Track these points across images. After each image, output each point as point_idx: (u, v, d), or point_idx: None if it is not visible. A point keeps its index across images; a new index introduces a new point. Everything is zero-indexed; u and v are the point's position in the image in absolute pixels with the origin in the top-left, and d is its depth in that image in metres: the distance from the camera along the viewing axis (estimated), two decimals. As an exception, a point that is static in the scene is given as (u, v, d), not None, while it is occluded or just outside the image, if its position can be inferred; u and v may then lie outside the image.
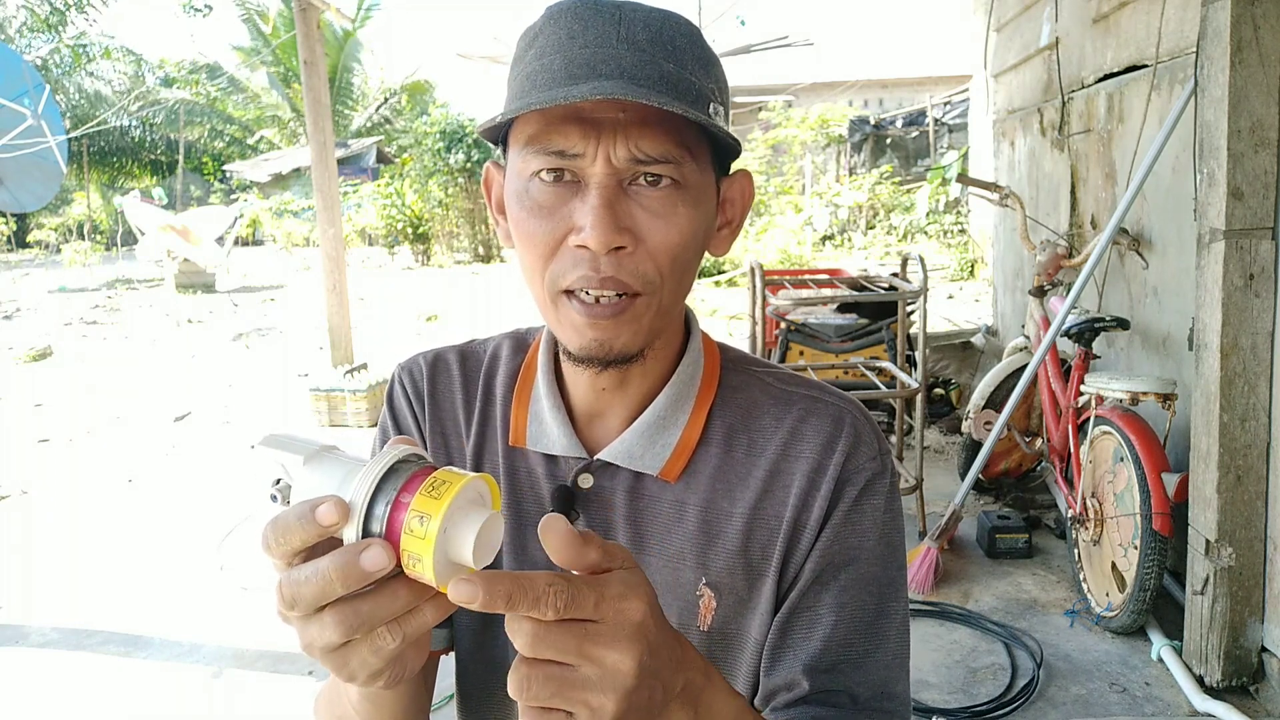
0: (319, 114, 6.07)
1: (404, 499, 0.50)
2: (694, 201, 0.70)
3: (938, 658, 2.72)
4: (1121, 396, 2.73)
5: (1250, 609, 2.44)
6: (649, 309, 0.71)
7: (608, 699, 0.50)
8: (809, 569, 0.75)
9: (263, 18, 22.45)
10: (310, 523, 0.50)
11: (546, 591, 0.48)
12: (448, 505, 0.49)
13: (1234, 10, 2.27)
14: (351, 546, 0.49)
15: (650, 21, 0.68)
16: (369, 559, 0.48)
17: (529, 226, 0.69)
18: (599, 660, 0.49)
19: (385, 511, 0.50)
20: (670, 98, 0.65)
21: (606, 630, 0.50)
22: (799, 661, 0.73)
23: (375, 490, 0.51)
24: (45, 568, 3.74)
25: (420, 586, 0.51)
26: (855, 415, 0.79)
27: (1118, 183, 3.59)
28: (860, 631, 0.75)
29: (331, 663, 0.53)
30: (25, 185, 8.30)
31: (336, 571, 0.49)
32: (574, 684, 0.49)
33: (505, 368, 0.86)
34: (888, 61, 21.74)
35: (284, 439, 0.56)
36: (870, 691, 0.75)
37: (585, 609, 0.49)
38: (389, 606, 0.51)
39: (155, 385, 7.19)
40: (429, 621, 0.53)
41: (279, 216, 20.59)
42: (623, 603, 0.50)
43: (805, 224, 13.58)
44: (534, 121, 0.68)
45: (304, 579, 0.50)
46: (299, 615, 0.52)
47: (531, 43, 0.70)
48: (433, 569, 0.48)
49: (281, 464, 0.55)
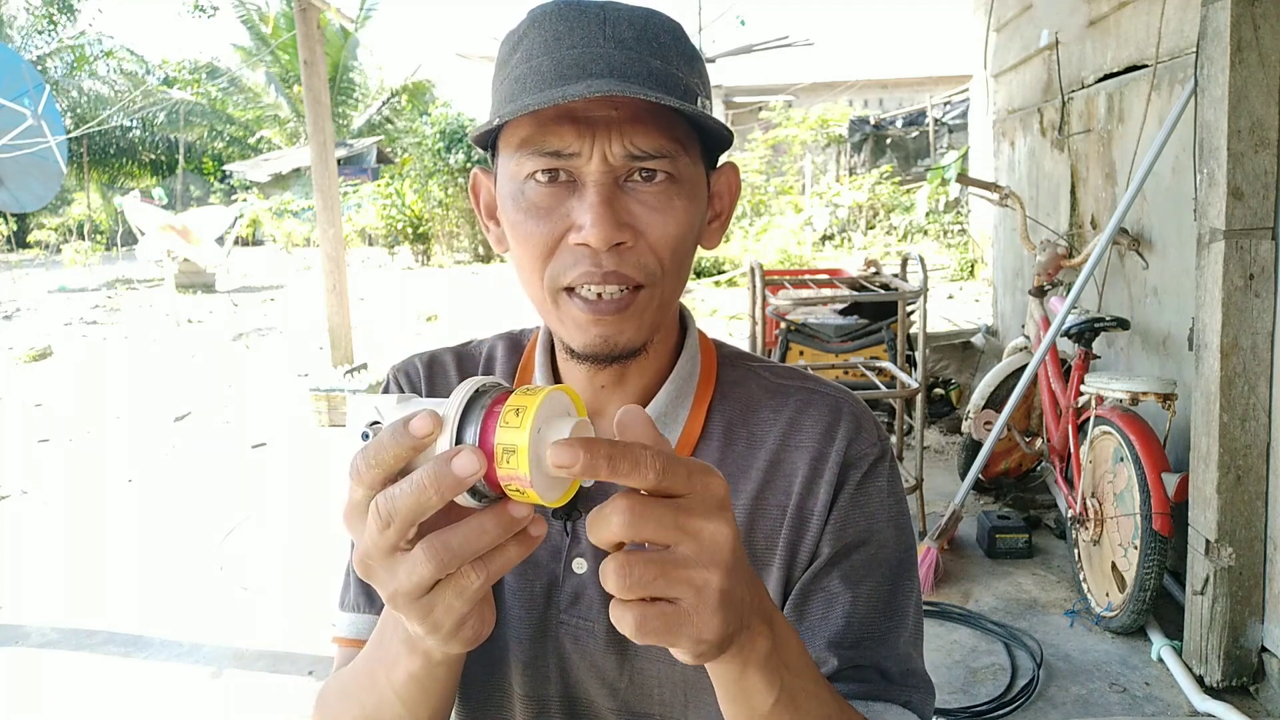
0: (319, 114, 6.07)
1: (495, 408, 0.50)
2: (689, 195, 0.70)
3: (938, 658, 2.72)
4: (1121, 396, 2.73)
5: (1250, 609, 2.44)
6: (651, 302, 0.71)
7: (711, 574, 0.49)
8: (822, 553, 0.75)
9: (263, 18, 22.46)
10: (404, 435, 0.50)
11: (644, 454, 0.47)
12: (543, 398, 0.49)
13: (1234, 10, 2.27)
14: (444, 454, 0.49)
15: (635, 20, 0.69)
16: (460, 462, 0.48)
17: (526, 228, 0.69)
18: (697, 533, 0.49)
19: (477, 421, 0.50)
20: (661, 93, 0.66)
21: (698, 503, 0.49)
22: (822, 639, 0.74)
23: (467, 404, 0.51)
24: (45, 568, 3.74)
25: (506, 519, 0.51)
26: (851, 404, 0.80)
27: (1118, 183, 3.59)
28: (879, 609, 0.75)
29: (418, 610, 0.53)
30: (25, 185, 8.31)
31: (430, 479, 0.48)
32: (676, 563, 0.49)
33: (501, 368, 0.86)
34: (888, 61, 21.84)
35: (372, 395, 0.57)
36: (898, 668, 0.75)
37: (679, 479, 0.48)
38: (478, 540, 0.50)
39: (155, 385, 7.19)
40: (513, 559, 0.52)
41: (279, 216, 20.59)
42: (708, 477, 0.50)
43: (805, 224, 13.59)
44: (527, 124, 0.68)
45: (399, 493, 0.49)
46: (388, 548, 0.51)
47: (516, 46, 0.71)
48: (527, 461, 0.48)
49: (376, 406, 0.55)
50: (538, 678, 0.80)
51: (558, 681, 0.79)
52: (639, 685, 0.78)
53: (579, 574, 0.78)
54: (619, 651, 0.78)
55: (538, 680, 0.80)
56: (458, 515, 0.52)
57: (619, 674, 0.78)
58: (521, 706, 0.80)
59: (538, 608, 0.79)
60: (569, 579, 0.78)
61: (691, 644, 0.50)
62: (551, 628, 0.79)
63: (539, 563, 0.79)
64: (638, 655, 0.78)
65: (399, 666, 0.63)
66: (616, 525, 0.47)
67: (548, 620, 0.79)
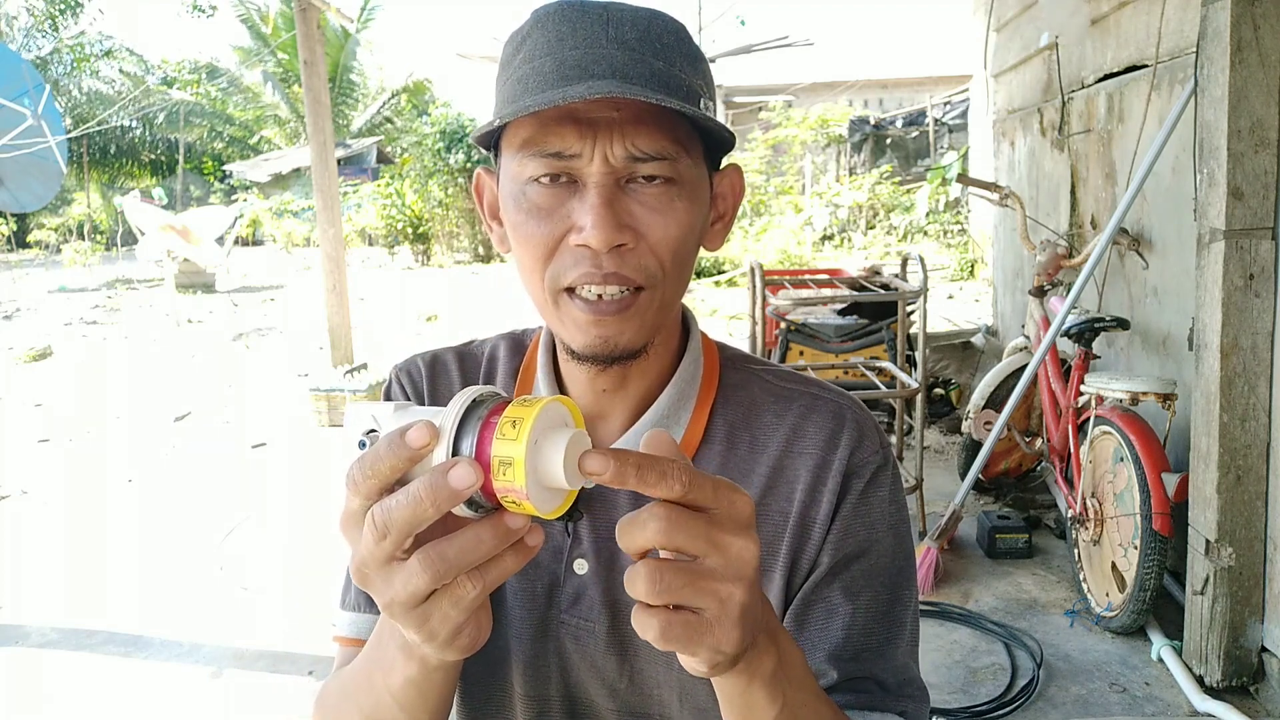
0: (319, 114, 6.07)
1: (492, 419, 0.50)
2: (690, 196, 0.70)
3: (938, 658, 2.72)
4: (1121, 396, 2.73)
5: (1250, 609, 2.44)
6: (652, 303, 0.71)
7: (736, 588, 0.50)
8: (822, 562, 0.75)
9: (263, 18, 22.45)
10: (400, 446, 0.50)
11: (671, 467, 0.48)
12: (539, 410, 0.49)
13: (1234, 10, 2.27)
14: (440, 466, 0.49)
15: (638, 20, 0.69)
16: (456, 475, 0.48)
17: (528, 229, 0.69)
18: (725, 547, 0.50)
19: (474, 432, 0.50)
20: (663, 95, 0.65)
21: (725, 518, 0.50)
22: (821, 651, 0.74)
23: (464, 415, 0.51)
24: (45, 568, 3.74)
25: (502, 530, 0.51)
26: (855, 410, 0.79)
27: (1118, 183, 3.59)
28: (878, 620, 0.75)
29: (414, 619, 0.53)
30: (25, 185, 8.31)
31: (427, 490, 0.48)
32: (704, 574, 0.50)
33: (504, 368, 0.86)
34: (888, 61, 21.83)
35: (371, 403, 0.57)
36: (895, 678, 0.75)
37: (705, 493, 0.49)
38: (474, 551, 0.51)
39: (155, 385, 7.19)
40: (509, 569, 0.53)
41: (279, 216, 20.59)
42: (734, 494, 0.51)
43: (805, 224, 13.59)
44: (528, 125, 0.68)
45: (395, 504, 0.49)
46: (384, 558, 0.51)
47: (519, 47, 0.70)
48: (524, 473, 0.48)
49: (373, 414, 0.55)
50: (538, 678, 0.80)
51: (558, 681, 0.80)
52: (639, 686, 0.78)
53: (580, 575, 0.78)
54: (619, 652, 0.78)
55: (539, 680, 0.80)
56: (455, 524, 0.52)
57: (619, 674, 0.78)
58: (522, 706, 0.80)
59: (539, 608, 0.79)
60: (570, 579, 0.78)
61: (710, 654, 0.51)
62: (552, 628, 0.79)
63: (540, 563, 0.79)
64: (637, 656, 0.78)
65: (395, 671, 0.63)
66: (652, 530, 0.48)
67: (549, 620, 0.79)
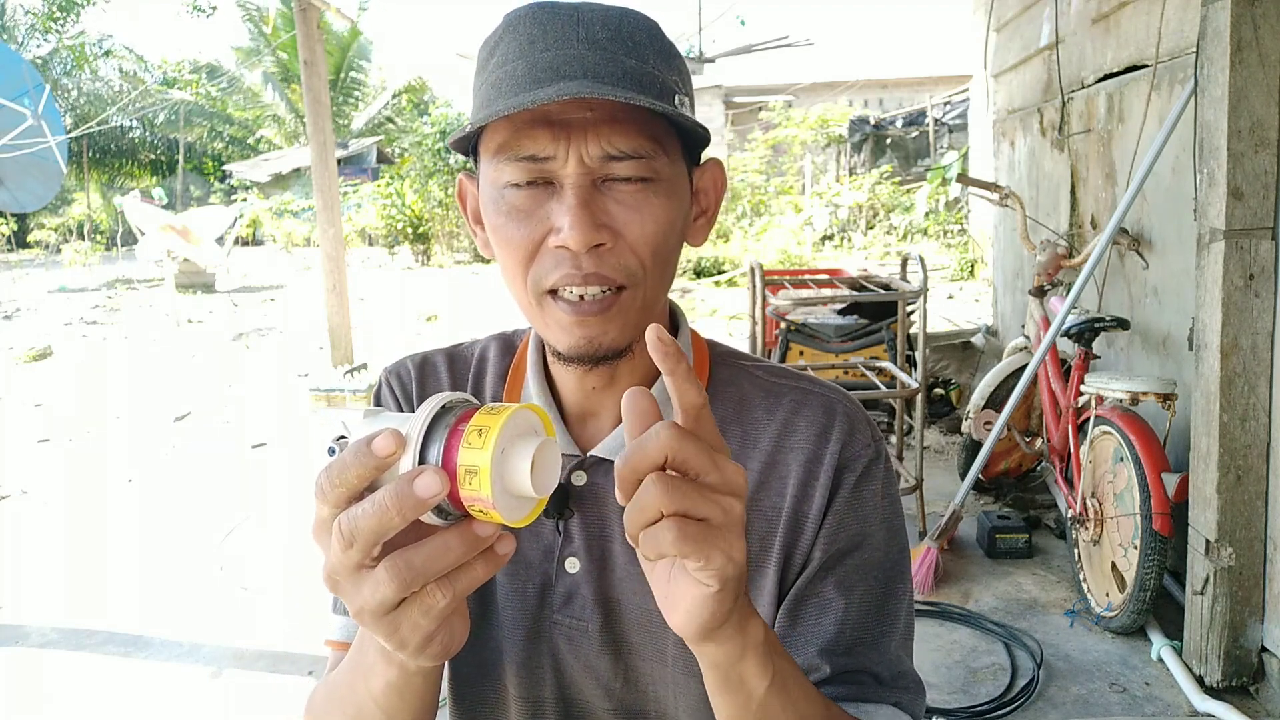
0: (319, 114, 6.07)
1: (460, 426, 0.50)
2: (668, 193, 0.70)
3: (938, 658, 2.72)
4: (1121, 396, 2.73)
5: (1250, 609, 2.44)
6: (634, 302, 0.71)
7: (735, 502, 0.52)
8: (815, 557, 0.75)
9: (263, 18, 22.45)
10: (366, 455, 0.50)
11: (687, 371, 0.52)
12: (506, 419, 0.49)
13: (1234, 10, 2.27)
14: (406, 475, 0.49)
15: (608, 19, 0.69)
16: (422, 484, 0.48)
17: (507, 232, 0.70)
18: (722, 466, 0.51)
19: (441, 440, 0.50)
20: (635, 93, 0.65)
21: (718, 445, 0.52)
22: (814, 646, 0.74)
23: (431, 422, 0.51)
24: (45, 568, 3.74)
25: (470, 538, 0.51)
26: (846, 404, 0.79)
27: (1118, 183, 3.59)
28: (872, 614, 0.75)
29: (384, 628, 0.53)
30: (25, 185, 8.31)
31: (392, 499, 0.48)
32: (708, 487, 0.51)
33: (494, 369, 0.86)
34: (888, 61, 21.81)
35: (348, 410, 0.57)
36: (889, 671, 0.75)
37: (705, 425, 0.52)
38: (441, 559, 0.51)
39: (155, 385, 7.18)
40: (479, 577, 0.53)
41: (279, 216, 20.59)
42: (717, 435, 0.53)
43: (805, 224, 13.59)
44: (503, 129, 0.68)
45: (361, 512, 0.50)
46: (352, 566, 0.51)
47: (493, 51, 0.70)
48: (489, 483, 0.48)
49: (343, 421, 0.55)
50: (532, 679, 0.79)
51: (552, 682, 0.79)
52: (634, 684, 0.78)
53: (572, 574, 0.78)
54: (613, 651, 0.78)
55: (532, 681, 0.80)
56: (427, 532, 0.52)
57: (613, 674, 0.78)
58: (517, 708, 0.80)
59: (531, 608, 0.79)
60: (562, 579, 0.78)
61: (723, 560, 0.51)
62: (545, 628, 0.79)
63: (532, 563, 0.79)
64: (632, 654, 0.78)
65: (376, 676, 0.64)
66: (664, 438, 0.50)
67: (541, 621, 0.79)
